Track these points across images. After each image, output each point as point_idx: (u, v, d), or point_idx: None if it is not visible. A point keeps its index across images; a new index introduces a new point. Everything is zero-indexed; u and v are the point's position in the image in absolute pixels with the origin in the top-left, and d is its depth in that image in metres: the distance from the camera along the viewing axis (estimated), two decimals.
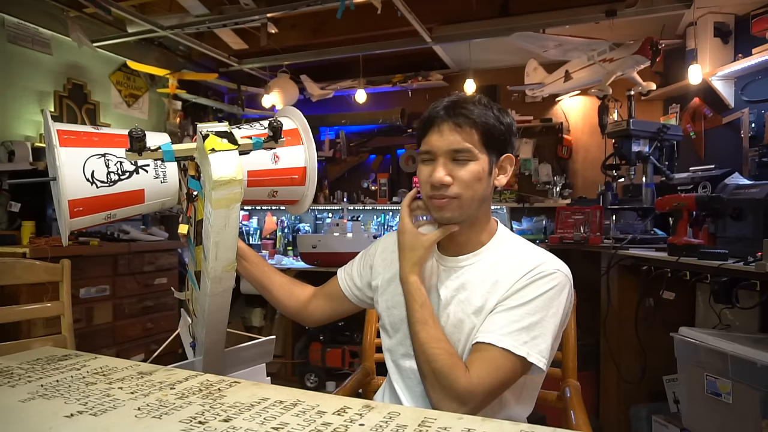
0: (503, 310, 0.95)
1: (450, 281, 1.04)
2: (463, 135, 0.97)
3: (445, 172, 0.97)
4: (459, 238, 1.04)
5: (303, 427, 0.68)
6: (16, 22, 3.00)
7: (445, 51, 3.64)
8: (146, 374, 0.90)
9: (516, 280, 0.97)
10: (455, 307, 1.01)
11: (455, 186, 0.97)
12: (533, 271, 0.97)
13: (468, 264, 1.04)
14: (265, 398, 0.78)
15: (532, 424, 0.69)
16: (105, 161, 0.97)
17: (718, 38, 2.80)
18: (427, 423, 0.69)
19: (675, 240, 1.92)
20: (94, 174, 0.95)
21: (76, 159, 0.94)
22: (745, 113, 2.70)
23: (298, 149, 1.16)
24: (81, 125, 1.01)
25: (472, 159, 0.97)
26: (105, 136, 1.01)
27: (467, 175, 0.97)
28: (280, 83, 3.90)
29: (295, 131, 1.20)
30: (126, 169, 0.99)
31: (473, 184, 0.98)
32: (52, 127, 0.94)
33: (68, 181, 0.92)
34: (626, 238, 2.31)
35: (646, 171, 2.50)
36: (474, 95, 1.02)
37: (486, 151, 0.99)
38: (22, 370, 0.90)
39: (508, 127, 1.00)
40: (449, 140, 0.97)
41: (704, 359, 1.73)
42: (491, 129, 0.98)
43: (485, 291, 0.99)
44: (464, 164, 0.97)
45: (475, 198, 0.99)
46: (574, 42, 3.05)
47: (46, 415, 0.71)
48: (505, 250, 1.03)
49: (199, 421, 0.69)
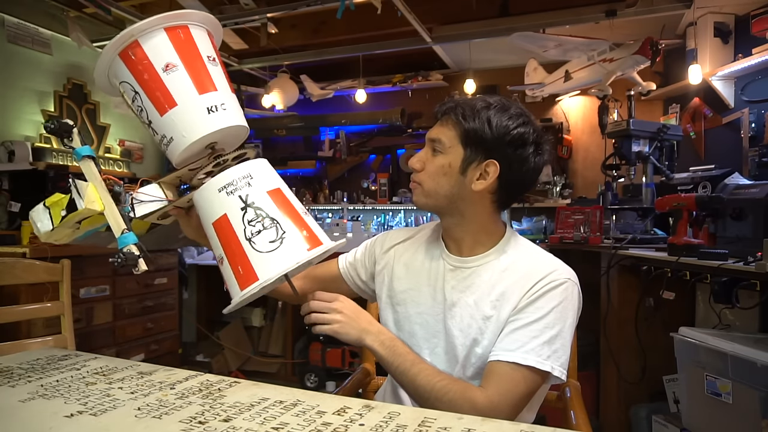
0: (521, 326, 0.93)
1: (456, 281, 1.03)
2: (443, 128, 1.00)
3: (418, 159, 1.03)
4: (455, 230, 1.05)
5: (303, 427, 0.68)
6: (16, 22, 3.00)
7: (445, 51, 3.64)
8: (146, 374, 0.90)
9: (527, 289, 0.96)
10: (462, 311, 1.00)
11: (422, 173, 1.02)
12: (545, 280, 0.96)
13: (476, 266, 1.03)
14: (265, 398, 0.78)
15: (532, 424, 0.69)
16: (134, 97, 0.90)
17: (718, 38, 2.81)
18: (427, 423, 0.69)
19: (675, 240, 1.92)
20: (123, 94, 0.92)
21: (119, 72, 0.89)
22: (745, 113, 2.70)
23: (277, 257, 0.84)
24: None
25: (443, 152, 1.00)
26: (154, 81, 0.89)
27: (432, 165, 1.01)
28: (280, 83, 3.91)
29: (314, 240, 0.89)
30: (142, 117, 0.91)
31: (436, 176, 1.00)
32: None
33: None
34: (626, 238, 2.31)
35: (646, 171, 2.50)
36: (487, 99, 1.01)
37: (463, 149, 0.98)
38: (22, 370, 0.90)
39: (499, 134, 0.96)
40: (432, 131, 1.03)
41: (704, 359, 1.73)
42: (475, 129, 0.96)
43: (494, 299, 0.98)
44: (436, 155, 1.01)
45: (438, 191, 1.00)
46: (574, 42, 3.05)
47: (46, 415, 0.71)
48: (513, 256, 1.02)
49: (199, 421, 0.69)
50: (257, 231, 0.84)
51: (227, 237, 0.85)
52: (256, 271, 0.83)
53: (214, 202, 0.87)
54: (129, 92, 0.89)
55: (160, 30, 0.87)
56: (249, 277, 0.83)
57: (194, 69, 0.89)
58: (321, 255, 0.88)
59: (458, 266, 1.04)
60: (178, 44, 0.88)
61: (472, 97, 1.02)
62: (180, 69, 0.87)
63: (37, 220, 0.87)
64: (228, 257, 0.86)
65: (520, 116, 0.98)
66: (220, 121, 0.89)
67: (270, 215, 0.85)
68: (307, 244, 0.86)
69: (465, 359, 0.99)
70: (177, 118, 0.87)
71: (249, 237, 0.84)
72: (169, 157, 0.92)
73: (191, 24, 0.90)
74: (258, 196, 0.86)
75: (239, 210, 0.85)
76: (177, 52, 0.88)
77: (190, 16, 0.90)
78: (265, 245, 0.84)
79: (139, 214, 0.92)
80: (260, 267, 0.83)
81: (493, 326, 0.97)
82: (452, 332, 1.00)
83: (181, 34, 0.89)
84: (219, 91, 0.90)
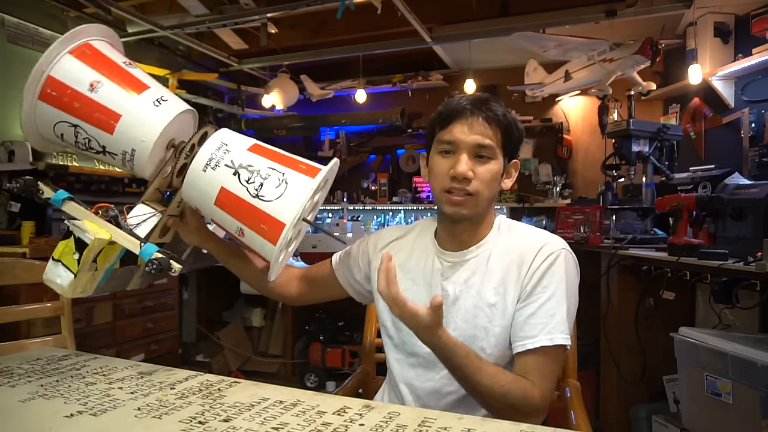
0: (536, 309, 0.95)
1: (456, 275, 1.03)
2: (489, 132, 0.97)
3: (468, 167, 0.95)
4: (462, 235, 1.04)
5: (303, 427, 0.68)
6: (16, 22, 3.00)
7: (445, 51, 3.64)
8: (146, 374, 0.90)
9: (527, 270, 0.98)
10: (466, 301, 1.01)
11: (476, 182, 0.96)
12: (540, 256, 0.98)
13: (473, 257, 1.04)
14: (265, 398, 0.78)
15: (532, 424, 0.69)
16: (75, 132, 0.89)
17: (718, 38, 2.80)
18: (427, 423, 0.69)
19: (675, 240, 1.91)
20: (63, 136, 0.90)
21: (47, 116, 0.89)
22: (745, 113, 2.70)
23: (290, 197, 0.84)
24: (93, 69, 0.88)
25: (494, 157, 0.98)
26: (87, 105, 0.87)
27: (487, 173, 0.97)
28: (280, 83, 3.91)
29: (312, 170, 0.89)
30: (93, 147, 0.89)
31: (491, 183, 0.98)
32: None
33: None
34: (626, 238, 2.30)
35: (646, 171, 2.50)
36: (494, 98, 1.02)
37: (503, 153, 0.99)
38: (22, 370, 0.90)
39: (521, 134, 1.02)
40: (477, 135, 0.96)
41: (704, 359, 1.73)
42: (511, 131, 0.99)
43: (496, 284, 0.99)
44: (486, 162, 0.97)
45: (489, 197, 1.00)
46: (574, 42, 3.05)
47: (46, 415, 0.71)
48: (505, 238, 1.04)
49: (199, 421, 0.69)
50: (259, 185, 0.84)
51: (235, 206, 0.85)
52: (279, 218, 0.83)
53: (205, 184, 0.86)
54: (68, 130, 0.87)
55: (66, 55, 0.86)
56: (275, 227, 0.83)
57: (118, 77, 0.88)
58: (325, 179, 0.89)
59: (456, 261, 1.04)
60: (89, 61, 0.87)
61: (484, 97, 1.00)
62: (105, 82, 0.86)
63: (54, 277, 0.84)
64: (246, 224, 0.85)
65: None
66: (171, 109, 0.89)
67: (263, 166, 0.86)
68: (308, 175, 0.87)
69: (481, 341, 0.99)
70: (128, 127, 0.86)
71: (255, 194, 0.84)
72: (137, 172, 0.90)
73: (91, 39, 0.90)
74: (242, 156, 0.86)
75: (232, 176, 0.85)
76: (93, 68, 0.87)
77: (86, 32, 0.89)
78: (273, 193, 0.84)
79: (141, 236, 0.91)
80: (280, 212, 0.83)
81: (501, 312, 0.98)
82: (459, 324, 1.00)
83: (87, 51, 0.88)
84: (152, 87, 0.90)
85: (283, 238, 0.82)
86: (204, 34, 3.54)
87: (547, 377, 0.92)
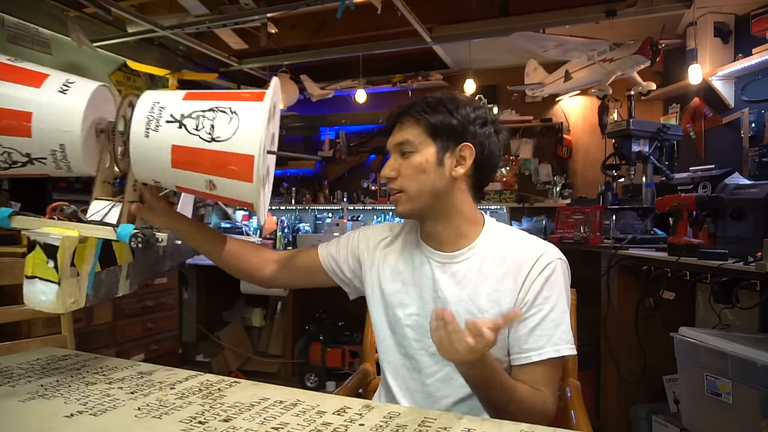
0: (540, 321, 0.96)
1: (446, 277, 1.03)
2: (406, 130, 1.01)
3: (391, 168, 1.02)
4: (438, 230, 1.04)
5: (303, 427, 0.68)
6: (16, 22, 3.00)
7: (445, 51, 3.64)
8: (146, 374, 0.90)
9: (524, 278, 0.98)
10: (458, 306, 1.00)
11: (400, 179, 1.01)
12: (538, 266, 0.98)
13: (464, 259, 1.03)
14: (265, 398, 0.78)
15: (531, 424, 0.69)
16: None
17: (718, 38, 2.80)
18: (427, 423, 0.69)
19: (675, 240, 1.92)
20: None
21: None
22: (745, 113, 2.70)
23: (247, 126, 0.78)
24: None
25: (415, 150, 1.00)
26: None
27: (408, 167, 1.00)
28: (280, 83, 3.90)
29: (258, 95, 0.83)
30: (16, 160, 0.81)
31: (417, 176, 0.99)
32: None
33: None
34: (626, 238, 2.31)
35: (646, 171, 2.50)
36: (432, 96, 1.03)
37: (434, 142, 1.00)
38: (22, 370, 0.90)
39: (464, 118, 1.00)
40: (394, 137, 1.03)
41: (704, 359, 1.73)
42: (441, 120, 0.99)
43: (490, 290, 0.99)
44: (408, 156, 1.00)
45: (423, 189, 1.00)
46: (574, 42, 3.05)
47: (46, 415, 0.71)
48: (500, 243, 1.03)
49: (199, 421, 0.69)
50: (210, 127, 0.77)
51: (194, 159, 0.78)
52: (245, 152, 0.77)
53: (153, 150, 0.79)
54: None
55: None
56: (245, 163, 0.77)
57: (8, 74, 0.79)
58: (274, 97, 0.84)
59: (446, 262, 1.04)
60: None
61: (410, 102, 1.04)
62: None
63: (37, 296, 0.76)
64: (213, 173, 0.79)
65: (470, 102, 1.03)
66: (83, 89, 0.80)
67: (206, 108, 0.79)
68: (256, 100, 0.80)
69: None
70: (45, 122, 0.77)
71: (210, 138, 0.77)
72: (76, 170, 0.83)
73: None
74: (179, 106, 0.79)
75: (178, 129, 0.78)
76: None
77: None
78: (227, 129, 0.77)
79: None
80: (243, 146, 0.77)
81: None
82: None
83: None
84: (52, 74, 0.81)
85: (257, 170, 0.77)
86: (204, 34, 3.54)
87: (553, 386, 0.96)
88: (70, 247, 0.78)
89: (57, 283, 0.75)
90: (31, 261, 0.76)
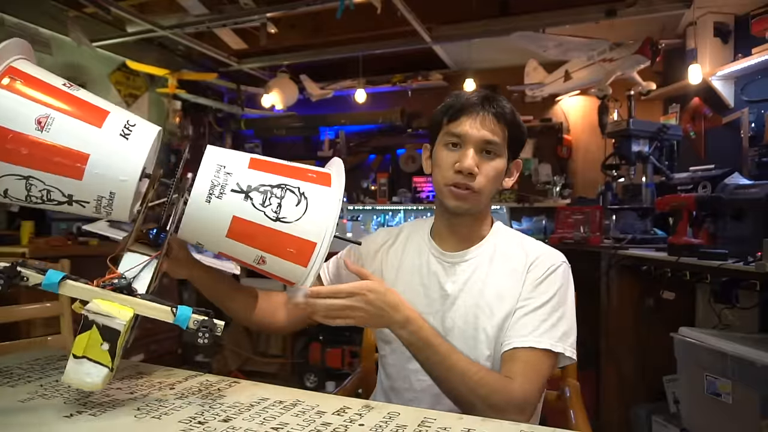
0: (530, 312, 0.95)
1: (457, 275, 1.03)
2: (497, 129, 0.97)
3: (474, 162, 0.95)
4: (462, 230, 1.05)
5: (303, 427, 0.68)
6: (16, 22, 3.00)
7: (445, 51, 3.64)
8: (146, 374, 0.90)
9: (527, 275, 0.98)
10: (466, 302, 1.00)
11: (480, 178, 0.96)
12: (542, 266, 0.98)
13: (472, 257, 1.04)
14: (264, 398, 0.78)
15: (531, 424, 0.69)
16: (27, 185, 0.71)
17: (718, 38, 2.80)
18: (426, 423, 0.69)
19: (675, 240, 1.92)
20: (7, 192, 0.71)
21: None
22: (745, 113, 2.70)
23: (315, 213, 0.77)
24: None
25: (500, 155, 0.99)
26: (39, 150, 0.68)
27: (492, 170, 0.98)
28: (280, 83, 3.90)
29: (323, 177, 0.82)
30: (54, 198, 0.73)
31: (495, 180, 0.99)
32: None
33: None
34: (626, 238, 2.31)
35: (646, 171, 2.50)
36: (502, 99, 1.01)
37: (507, 151, 1.00)
38: (22, 370, 0.90)
39: (525, 134, 1.03)
40: (485, 130, 0.96)
41: (704, 359, 1.73)
42: (517, 130, 1.00)
43: (496, 288, 0.99)
44: (492, 158, 0.98)
45: (490, 193, 1.00)
46: (574, 42, 3.05)
47: (46, 415, 0.71)
48: (506, 243, 1.04)
49: (198, 421, 0.69)
50: (277, 206, 0.75)
51: (254, 234, 0.75)
52: (309, 238, 0.75)
53: (212, 216, 0.74)
54: (16, 184, 0.69)
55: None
56: (304, 249, 0.75)
57: (70, 105, 0.71)
58: (340, 180, 0.83)
59: (454, 261, 1.04)
60: (24, 91, 0.69)
61: (492, 95, 1.00)
62: (56, 116, 0.69)
63: (83, 375, 0.68)
64: (269, 251, 0.76)
65: None
66: (144, 137, 0.74)
67: (274, 184, 0.76)
68: (322, 184, 0.78)
69: (477, 344, 0.98)
70: (100, 167, 0.70)
71: (275, 217, 0.74)
72: (115, 216, 0.76)
73: (13, 61, 0.71)
74: (247, 176, 0.75)
75: (243, 201, 0.74)
76: (33, 100, 0.69)
77: (6, 53, 0.70)
78: (294, 212, 0.75)
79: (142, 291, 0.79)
80: (307, 233, 0.75)
81: (499, 315, 0.97)
82: (458, 323, 1.00)
83: (15, 77, 0.69)
84: (113, 111, 0.74)
85: (316, 258, 0.76)
86: (204, 34, 3.54)
87: (530, 377, 0.89)
88: (128, 331, 0.73)
89: (110, 368, 0.70)
90: (85, 341, 0.69)
